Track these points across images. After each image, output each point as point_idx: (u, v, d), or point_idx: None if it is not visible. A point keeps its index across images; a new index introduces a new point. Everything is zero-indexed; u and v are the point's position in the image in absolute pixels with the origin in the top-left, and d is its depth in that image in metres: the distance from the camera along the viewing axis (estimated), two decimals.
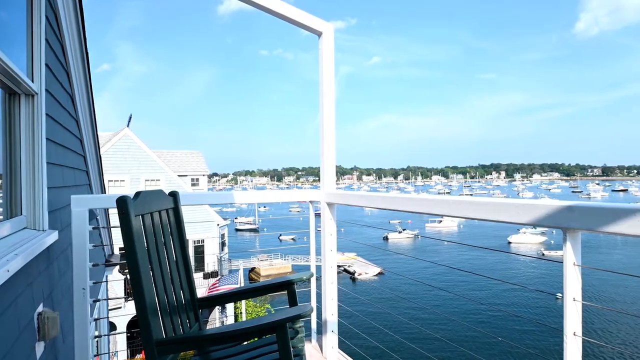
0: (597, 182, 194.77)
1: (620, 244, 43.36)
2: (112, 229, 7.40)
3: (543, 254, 38.68)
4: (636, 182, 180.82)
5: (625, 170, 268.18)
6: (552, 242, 43.19)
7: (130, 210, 1.40)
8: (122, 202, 1.40)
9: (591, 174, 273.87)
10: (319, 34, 2.87)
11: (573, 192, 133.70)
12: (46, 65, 2.23)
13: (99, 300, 3.00)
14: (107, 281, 6.07)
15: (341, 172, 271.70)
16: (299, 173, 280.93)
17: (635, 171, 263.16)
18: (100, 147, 5.64)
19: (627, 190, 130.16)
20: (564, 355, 1.36)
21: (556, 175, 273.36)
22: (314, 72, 2.96)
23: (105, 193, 7.13)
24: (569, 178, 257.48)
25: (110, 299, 3.12)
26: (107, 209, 5.81)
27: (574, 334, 1.35)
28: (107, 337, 6.72)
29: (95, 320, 2.91)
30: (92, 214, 4.28)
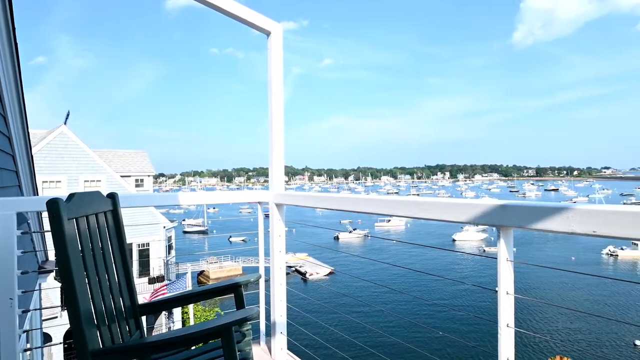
0: (532, 182, 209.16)
1: (551, 239, 46.83)
2: (46, 233, 6.91)
3: (484, 250, 40.96)
4: (566, 182, 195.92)
5: (556, 171, 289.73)
6: (492, 238, 45.79)
7: (62, 213, 1.32)
8: (52, 205, 1.31)
9: (526, 174, 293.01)
10: (268, 34, 2.85)
11: (510, 191, 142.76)
12: None
13: (29, 311, 2.79)
14: (40, 290, 5.66)
15: (292, 173, 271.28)
16: (250, 174, 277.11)
17: (564, 172, 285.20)
18: (32, 145, 5.24)
19: (557, 189, 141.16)
20: (498, 345, 1.45)
21: (495, 175, 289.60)
22: (265, 72, 2.93)
23: (38, 195, 6.63)
24: (507, 178, 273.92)
25: (43, 308, 2.89)
26: (40, 212, 5.42)
27: (507, 325, 1.43)
28: (40, 349, 6.26)
29: (26, 332, 2.70)
30: (23, 218, 3.97)
